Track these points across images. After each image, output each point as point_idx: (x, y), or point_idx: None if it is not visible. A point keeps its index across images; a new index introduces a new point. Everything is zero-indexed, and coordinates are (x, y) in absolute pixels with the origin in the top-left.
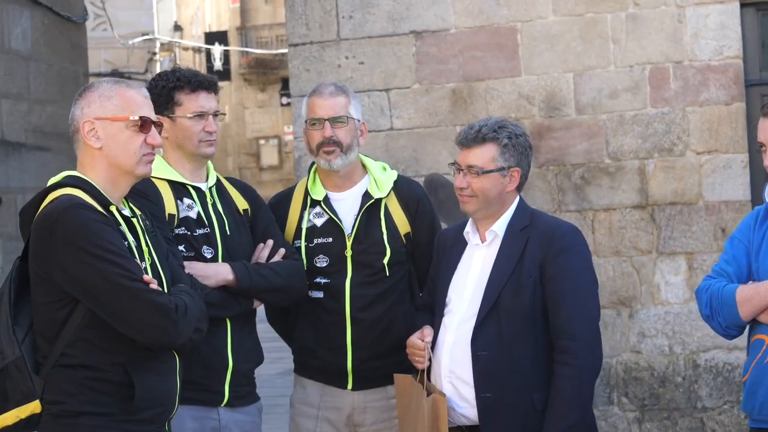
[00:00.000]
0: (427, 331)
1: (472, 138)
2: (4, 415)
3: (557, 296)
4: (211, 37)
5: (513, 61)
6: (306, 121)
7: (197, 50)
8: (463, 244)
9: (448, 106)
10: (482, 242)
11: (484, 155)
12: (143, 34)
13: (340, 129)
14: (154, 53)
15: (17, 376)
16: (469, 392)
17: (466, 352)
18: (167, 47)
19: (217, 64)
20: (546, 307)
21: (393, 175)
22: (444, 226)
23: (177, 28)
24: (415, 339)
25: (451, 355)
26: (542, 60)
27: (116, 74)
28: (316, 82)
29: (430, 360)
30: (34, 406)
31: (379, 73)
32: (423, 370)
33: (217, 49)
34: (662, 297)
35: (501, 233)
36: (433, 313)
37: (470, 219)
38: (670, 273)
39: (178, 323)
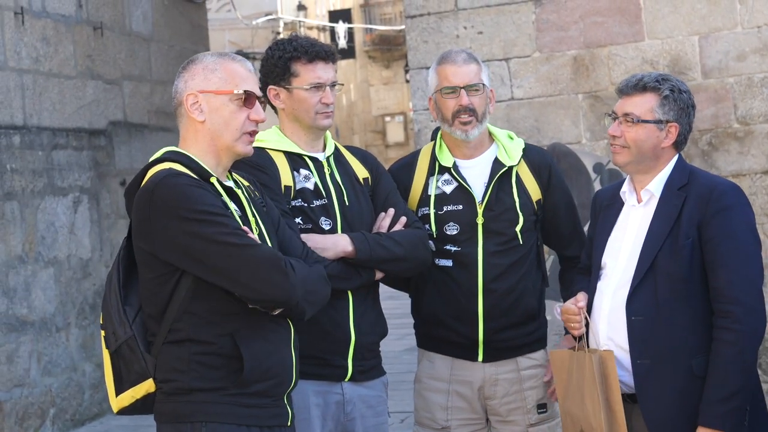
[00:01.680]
0: (581, 296)
1: (632, 86)
2: (120, 396)
3: (716, 259)
4: (335, 15)
5: (636, 25)
6: (439, 91)
7: (321, 29)
8: (620, 204)
9: (569, 74)
10: (638, 203)
11: (643, 104)
12: (267, 15)
13: (475, 97)
14: (278, 33)
15: (130, 356)
16: (627, 360)
17: (623, 318)
18: (291, 27)
19: (342, 42)
20: (705, 270)
21: (521, 142)
22: None
23: (301, 7)
24: (569, 305)
25: (608, 322)
26: (666, 23)
27: (240, 55)
28: (435, 54)
29: (586, 326)
30: (148, 386)
31: (499, 42)
32: (582, 336)
33: (341, 27)
34: None
35: (657, 193)
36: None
37: (627, 178)
38: None
39: (289, 276)
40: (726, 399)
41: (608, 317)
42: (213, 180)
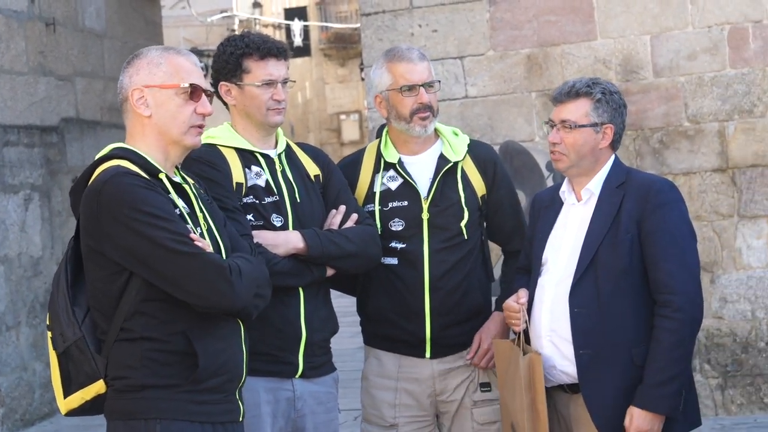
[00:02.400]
0: (522, 293)
1: (566, 93)
2: (69, 398)
3: (656, 252)
4: (291, 13)
5: (588, 24)
6: (396, 89)
7: (276, 26)
8: (559, 204)
9: (523, 73)
10: (578, 201)
11: (578, 110)
12: (222, 12)
13: (432, 94)
14: (233, 30)
15: (79, 357)
16: (569, 350)
17: (565, 310)
18: (246, 24)
19: (297, 40)
20: (645, 263)
21: (465, 138)
22: (519, 192)
23: (256, 4)
24: (511, 302)
25: (551, 313)
26: (618, 23)
27: (195, 52)
28: None
29: (526, 322)
30: (98, 387)
31: (453, 41)
32: (520, 333)
33: (296, 25)
34: (744, 261)
35: (597, 191)
36: (530, 275)
37: (566, 178)
38: (752, 237)
39: (234, 284)
40: (664, 383)
41: (551, 310)
42: (162, 176)
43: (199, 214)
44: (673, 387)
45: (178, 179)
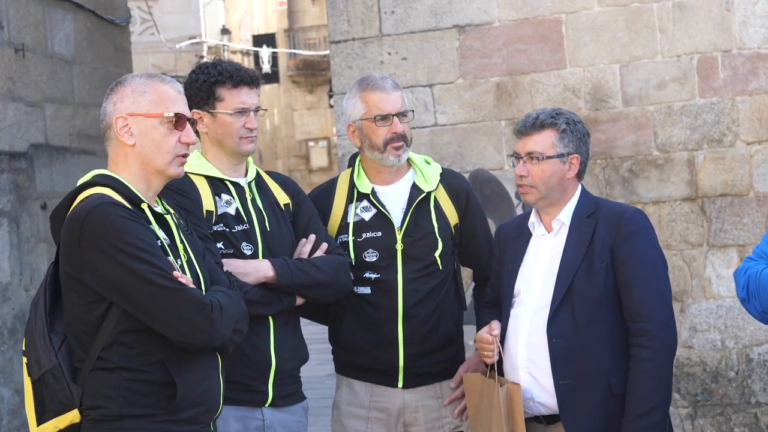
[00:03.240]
0: (495, 324)
1: (530, 125)
2: (42, 426)
3: (629, 280)
4: (259, 40)
5: (558, 53)
6: (370, 118)
7: (245, 53)
8: (528, 235)
9: (492, 101)
10: (548, 232)
11: (544, 141)
12: (191, 38)
13: (406, 123)
14: (202, 57)
15: (54, 385)
16: (548, 381)
17: (543, 341)
18: (215, 50)
19: (266, 67)
20: (618, 292)
21: (438, 167)
22: (490, 221)
23: (225, 31)
24: (483, 333)
25: (528, 345)
26: (587, 51)
27: None
28: None
29: (499, 354)
30: (72, 416)
31: (423, 69)
32: (493, 365)
33: (265, 52)
34: (714, 291)
35: (567, 221)
36: (500, 308)
37: (533, 210)
38: (722, 266)
39: (214, 321)
40: (647, 414)
41: (527, 341)
42: (144, 206)
43: (179, 246)
44: (656, 417)
45: (159, 209)
